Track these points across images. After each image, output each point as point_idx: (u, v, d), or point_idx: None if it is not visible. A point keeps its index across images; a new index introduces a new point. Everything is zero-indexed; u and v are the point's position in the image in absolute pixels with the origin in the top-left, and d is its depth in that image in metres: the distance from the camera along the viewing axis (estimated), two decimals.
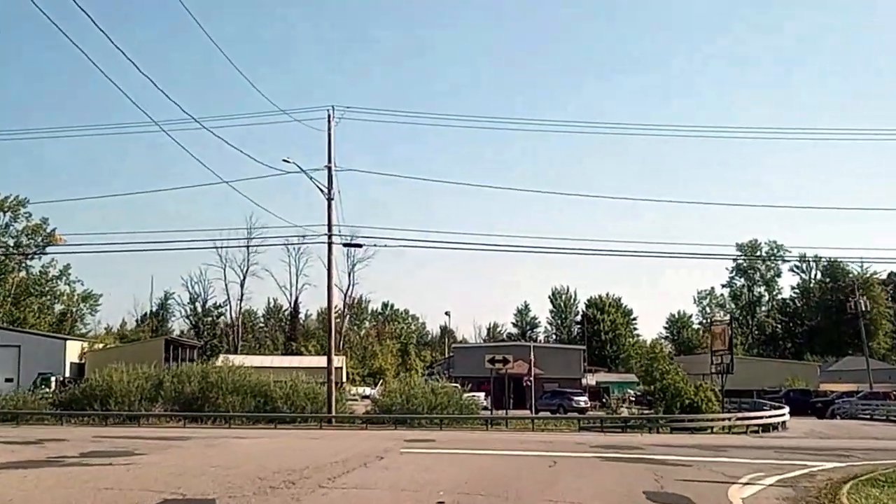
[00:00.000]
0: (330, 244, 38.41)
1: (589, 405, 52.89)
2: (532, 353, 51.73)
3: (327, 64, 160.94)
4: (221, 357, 78.08)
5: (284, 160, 35.58)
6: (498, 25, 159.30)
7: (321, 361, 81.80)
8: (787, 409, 38.49)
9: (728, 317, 65.94)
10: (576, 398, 52.56)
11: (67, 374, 59.47)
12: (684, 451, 19.25)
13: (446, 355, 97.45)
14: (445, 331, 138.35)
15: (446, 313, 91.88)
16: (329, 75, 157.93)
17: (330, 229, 38.14)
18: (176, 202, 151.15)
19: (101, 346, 73.47)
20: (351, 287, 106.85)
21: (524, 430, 36.34)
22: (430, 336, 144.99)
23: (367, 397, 63.17)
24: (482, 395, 49.60)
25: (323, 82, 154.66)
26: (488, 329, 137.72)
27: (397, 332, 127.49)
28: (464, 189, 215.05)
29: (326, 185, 38.18)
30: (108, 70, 18.93)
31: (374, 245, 37.39)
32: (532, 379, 50.07)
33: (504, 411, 41.96)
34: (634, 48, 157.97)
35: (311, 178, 37.03)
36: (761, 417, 36.72)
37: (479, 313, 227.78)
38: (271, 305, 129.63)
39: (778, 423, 36.90)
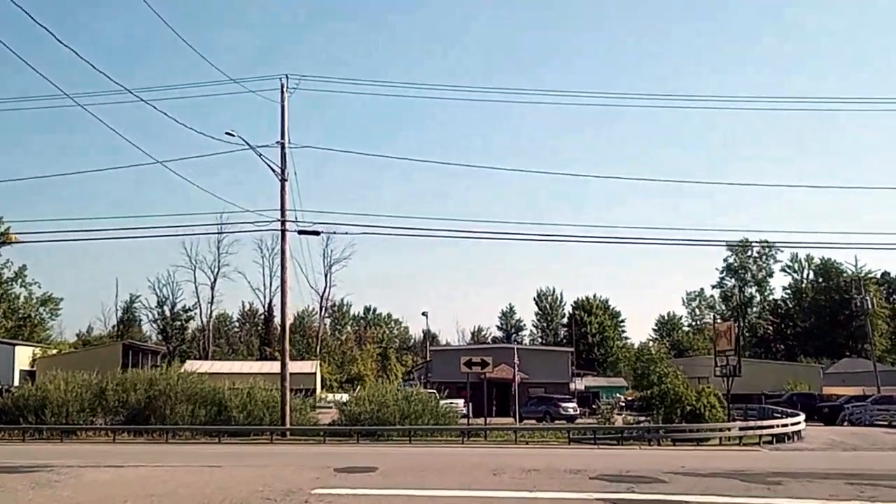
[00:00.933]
0: (283, 231, 33.73)
1: (578, 412, 48.40)
2: (516, 356, 47.38)
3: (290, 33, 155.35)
4: (188, 363, 74.11)
5: (228, 133, 30.91)
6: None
7: (298, 367, 77.68)
8: (802, 417, 34.04)
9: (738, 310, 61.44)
10: (564, 405, 48.11)
11: (16, 383, 54.69)
12: (723, 483, 13.63)
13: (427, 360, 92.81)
14: (427, 335, 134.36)
15: (423, 314, 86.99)
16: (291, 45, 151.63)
17: (283, 214, 33.49)
18: (122, 186, 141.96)
19: (54, 351, 68.72)
20: (328, 289, 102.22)
21: (505, 442, 31.78)
22: (412, 341, 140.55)
23: (345, 405, 58.44)
24: (460, 401, 44.94)
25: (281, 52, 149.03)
26: (472, 333, 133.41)
27: (379, 337, 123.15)
28: (447, 169, 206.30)
29: (279, 163, 33.52)
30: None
31: (334, 232, 32.80)
32: (517, 384, 45.81)
33: (484, 419, 37.45)
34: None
35: (259, 155, 32.41)
36: (774, 426, 32.20)
37: (463, 316, 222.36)
38: (246, 309, 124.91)
39: (793, 432, 32.44)
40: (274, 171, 33.34)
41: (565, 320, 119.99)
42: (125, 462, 19.04)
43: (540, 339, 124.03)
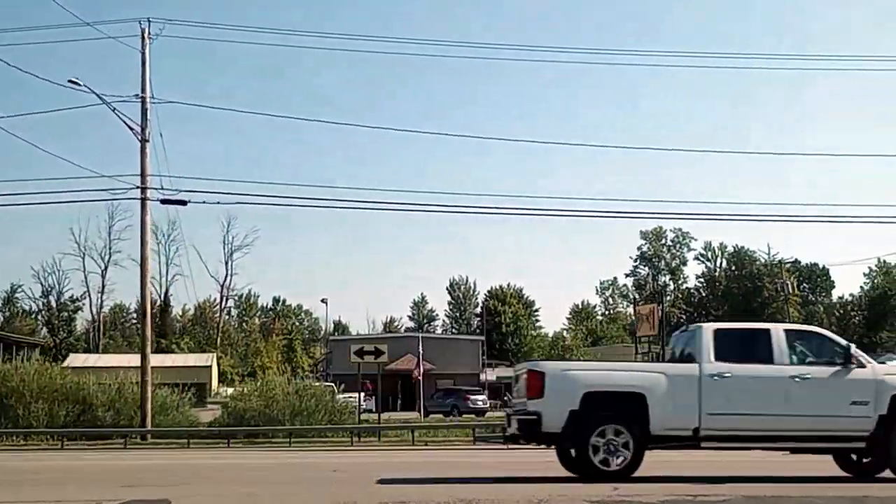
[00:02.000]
0: (144, 200, 28.84)
1: (488, 405, 44.75)
2: (420, 345, 43.63)
3: None
4: (70, 357, 68.89)
5: (72, 81, 25.89)
6: None
7: (193, 359, 72.74)
8: None
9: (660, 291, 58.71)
10: (473, 397, 44.54)
11: None
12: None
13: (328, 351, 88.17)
14: (337, 326, 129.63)
15: (323, 301, 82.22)
16: None
17: (143, 180, 28.60)
18: None
19: None
20: (229, 277, 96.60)
21: (401, 442, 27.69)
22: (322, 332, 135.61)
23: (230, 401, 53.65)
24: (360, 395, 40.74)
25: None
26: (384, 324, 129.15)
27: (288, 328, 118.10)
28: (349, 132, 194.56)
29: (139, 122, 28.65)
30: None
31: (204, 202, 27.89)
32: (421, 375, 42.09)
33: (378, 416, 33.29)
34: None
35: (113, 110, 27.55)
36: None
37: (375, 307, 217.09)
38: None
39: None
40: (132, 129, 28.47)
41: (479, 310, 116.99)
42: None
43: (453, 330, 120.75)
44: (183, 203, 29.13)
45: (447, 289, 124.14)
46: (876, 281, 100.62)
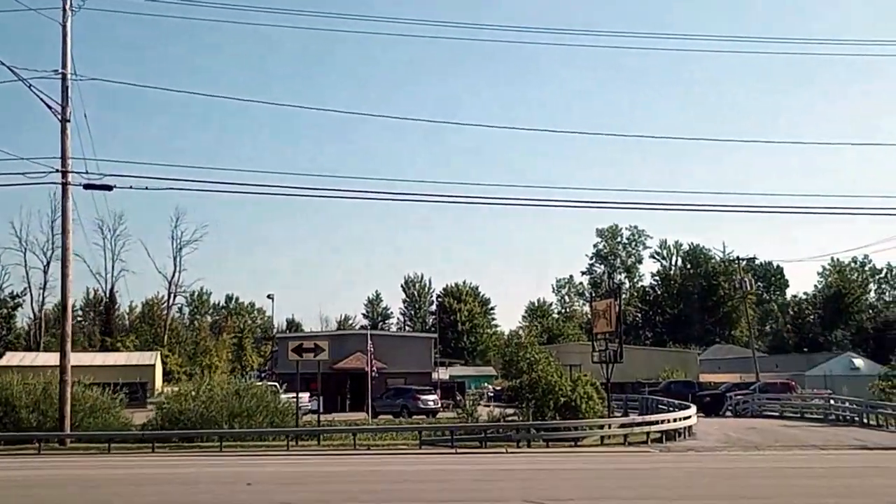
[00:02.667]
0: (65, 185, 26.55)
1: (439, 405, 42.90)
2: (369, 343, 41.56)
3: None
4: (7, 356, 65.79)
5: None
6: None
7: (136, 358, 69.84)
8: (693, 410, 29.41)
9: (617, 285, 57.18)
10: (423, 397, 42.53)
11: None
12: None
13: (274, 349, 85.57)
14: (290, 324, 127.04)
15: (269, 297, 79.78)
16: None
17: (64, 163, 26.33)
18: None
19: None
20: (177, 273, 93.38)
21: (342, 447, 25.76)
22: (275, 330, 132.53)
23: (166, 402, 51.21)
24: (305, 396, 38.74)
25: None
26: (339, 322, 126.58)
27: (240, 326, 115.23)
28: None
29: (59, 100, 26.35)
30: None
31: (131, 187, 25.58)
32: (371, 373, 40.08)
33: (317, 419, 31.37)
34: None
35: (29, 87, 25.09)
36: (663, 422, 27.33)
37: (329, 305, 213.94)
38: (91, 296, 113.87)
39: (685, 428, 27.71)
40: (51, 108, 26.17)
41: (434, 308, 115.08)
42: None
43: (408, 328, 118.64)
44: (108, 188, 26.84)
45: (402, 286, 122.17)
46: (830, 280, 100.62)
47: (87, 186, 26.66)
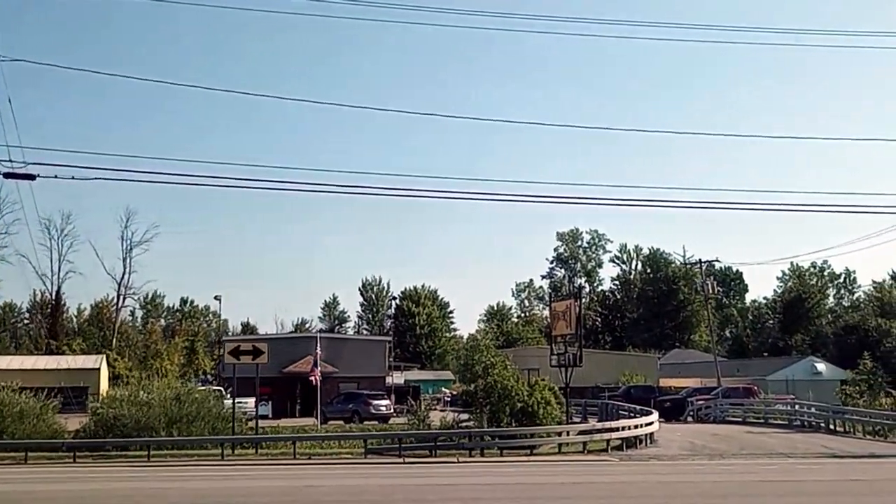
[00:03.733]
0: None
1: (392, 411, 41.14)
2: (318, 346, 39.72)
3: None
4: None
5: None
6: None
7: (82, 362, 67.16)
8: (655, 416, 27.98)
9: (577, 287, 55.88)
10: (375, 402, 40.78)
11: None
12: None
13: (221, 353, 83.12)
14: (245, 327, 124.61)
15: (216, 297, 77.51)
16: None
17: None
18: None
19: None
20: (127, 275, 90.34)
21: (282, 456, 23.96)
22: (230, 333, 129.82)
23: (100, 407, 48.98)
24: (250, 401, 36.71)
25: None
26: (295, 325, 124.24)
27: (194, 330, 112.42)
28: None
29: None
30: None
31: (56, 176, 23.42)
32: (315, 378, 38.22)
33: (255, 425, 29.48)
34: None
35: None
36: (624, 428, 25.86)
37: (287, 308, 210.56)
38: (37, 298, 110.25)
39: (646, 434, 26.27)
40: None
41: (392, 311, 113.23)
42: None
43: (365, 331, 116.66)
44: (31, 177, 24.57)
45: (359, 289, 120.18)
46: (789, 284, 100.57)
47: (7, 175, 24.43)
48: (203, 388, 41.21)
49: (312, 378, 38.31)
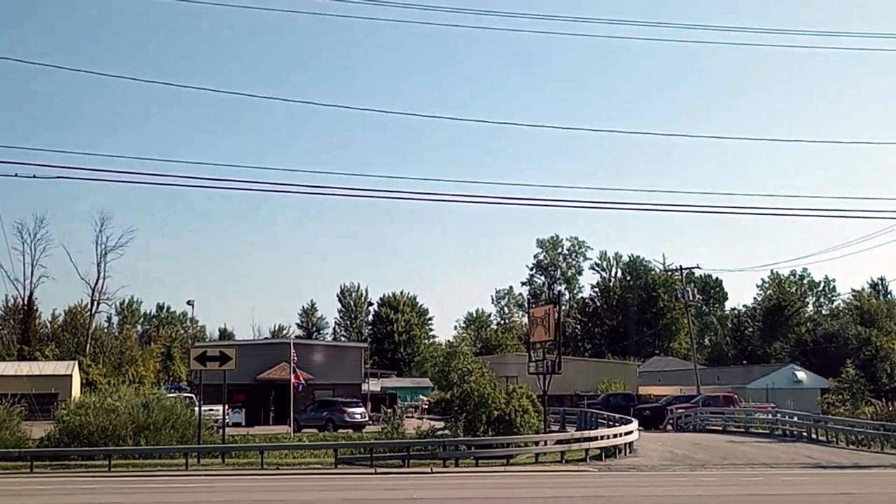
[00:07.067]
0: None
1: (367, 419, 40.34)
2: (292, 352, 38.89)
3: None
4: None
5: None
6: None
7: (54, 368, 65.80)
8: (635, 424, 27.33)
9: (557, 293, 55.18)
10: (350, 410, 40.03)
11: None
12: None
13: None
14: (223, 333, 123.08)
15: (189, 303, 76.36)
16: None
17: None
18: None
19: None
20: (101, 280, 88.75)
21: (248, 465, 23.07)
22: (207, 340, 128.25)
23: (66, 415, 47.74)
24: (219, 407, 35.80)
25: None
26: (272, 332, 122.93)
27: (172, 336, 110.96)
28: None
29: None
30: None
31: (16, 174, 22.51)
32: (295, 385, 37.47)
33: (222, 434, 28.56)
34: None
35: None
36: (602, 438, 25.17)
37: (264, 314, 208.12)
38: (10, 303, 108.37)
39: (626, 444, 25.59)
40: None
41: (371, 318, 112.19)
42: None
43: (343, 338, 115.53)
44: None
45: (338, 296, 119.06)
46: (769, 292, 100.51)
47: None
48: (174, 394, 40.22)
49: (296, 383, 37.60)
